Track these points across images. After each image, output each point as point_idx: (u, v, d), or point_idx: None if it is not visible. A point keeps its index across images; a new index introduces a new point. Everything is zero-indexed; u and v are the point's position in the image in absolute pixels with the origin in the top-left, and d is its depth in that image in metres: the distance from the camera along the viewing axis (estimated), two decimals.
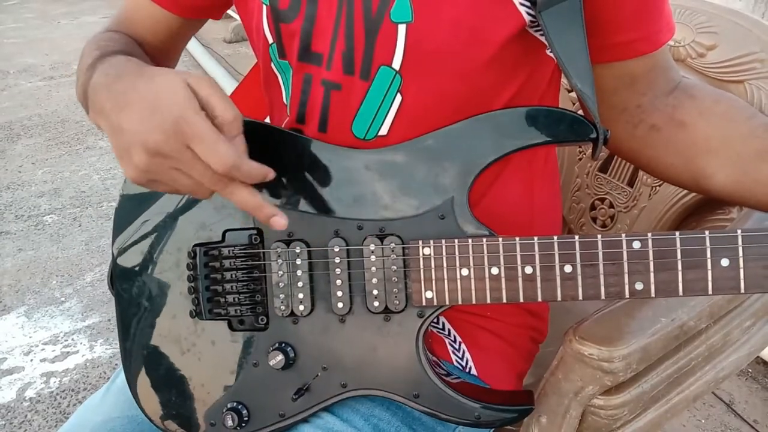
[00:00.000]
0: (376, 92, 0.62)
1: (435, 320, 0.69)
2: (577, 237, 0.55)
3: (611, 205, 0.96)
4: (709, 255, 0.52)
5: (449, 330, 0.70)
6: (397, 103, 0.62)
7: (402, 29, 0.59)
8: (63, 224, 2.43)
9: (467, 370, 0.70)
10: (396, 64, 0.60)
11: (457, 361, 0.69)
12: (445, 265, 0.58)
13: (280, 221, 0.56)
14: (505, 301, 0.57)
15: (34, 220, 2.47)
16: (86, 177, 2.80)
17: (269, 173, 0.55)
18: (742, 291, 0.52)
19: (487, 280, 0.57)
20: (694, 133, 0.62)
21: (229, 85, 3.30)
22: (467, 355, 0.70)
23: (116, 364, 1.74)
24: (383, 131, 0.64)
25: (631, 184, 0.93)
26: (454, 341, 0.70)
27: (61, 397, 1.64)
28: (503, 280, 0.56)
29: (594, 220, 0.98)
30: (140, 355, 0.68)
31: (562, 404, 0.66)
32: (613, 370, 0.61)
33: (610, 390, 0.64)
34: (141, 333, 0.68)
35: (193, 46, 4.34)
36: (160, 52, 0.78)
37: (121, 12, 0.79)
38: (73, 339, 1.85)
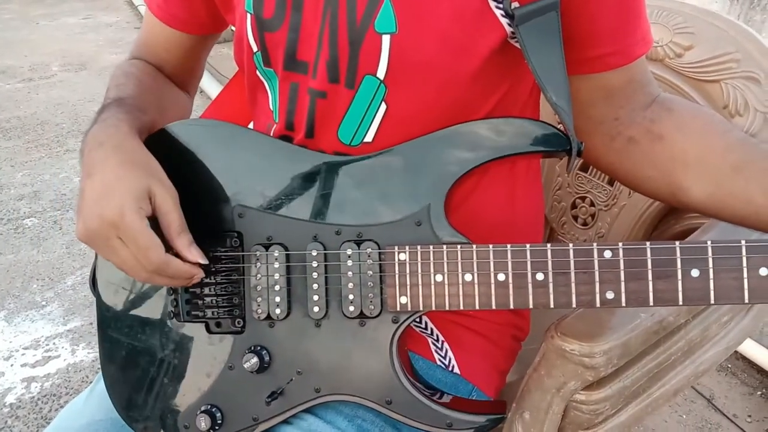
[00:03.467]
0: (361, 100, 0.63)
1: (418, 320, 0.69)
2: (549, 245, 0.56)
3: (592, 204, 0.97)
4: (679, 266, 0.53)
5: (432, 329, 0.70)
6: (382, 112, 0.63)
7: (386, 40, 0.60)
8: (43, 227, 2.39)
9: (450, 368, 0.70)
10: (381, 73, 0.61)
11: (440, 360, 0.70)
12: (419, 271, 0.58)
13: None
14: (477, 307, 0.57)
15: (13, 223, 2.44)
16: (67, 180, 2.76)
17: (197, 274, 0.61)
18: (712, 302, 0.53)
19: (461, 287, 0.58)
20: (671, 147, 0.63)
21: (213, 87, 3.28)
22: (450, 353, 0.70)
23: (99, 368, 1.72)
24: (368, 138, 0.64)
25: (611, 182, 0.94)
26: (437, 340, 0.70)
27: (42, 402, 1.62)
28: (476, 287, 0.57)
29: (575, 218, 0.99)
30: (119, 356, 0.68)
31: (544, 400, 0.66)
32: (595, 366, 0.62)
33: (591, 385, 0.65)
34: (120, 334, 0.68)
35: None
36: (181, 70, 0.82)
37: (140, 35, 0.83)
38: (54, 343, 1.82)
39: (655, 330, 0.65)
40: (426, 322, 0.70)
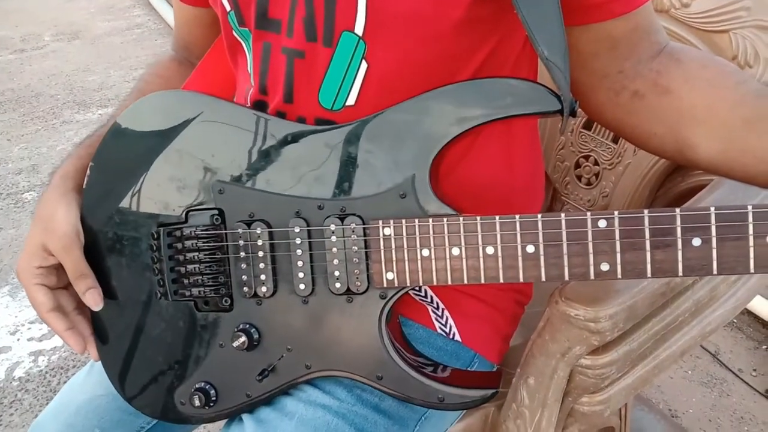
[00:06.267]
0: (340, 60, 0.60)
1: (417, 288, 0.68)
2: (539, 216, 0.53)
3: (596, 163, 0.94)
4: (679, 234, 0.49)
5: (431, 297, 0.69)
6: (362, 71, 0.60)
7: None
8: None
9: (451, 336, 0.69)
10: (359, 29, 0.58)
11: (440, 328, 0.69)
12: (405, 245, 0.56)
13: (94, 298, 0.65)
14: (466, 282, 0.55)
15: (13, 198, 2.43)
16: (64, 152, 2.73)
17: (75, 345, 0.67)
18: (715, 273, 0.49)
19: (448, 261, 0.55)
20: (678, 101, 0.59)
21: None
22: (450, 321, 0.69)
23: None
24: (351, 101, 0.61)
25: (616, 140, 0.92)
26: (437, 308, 0.69)
27: (50, 375, 1.64)
28: (464, 261, 0.55)
29: (579, 178, 0.97)
30: (112, 336, 0.67)
31: (549, 365, 0.66)
32: (600, 330, 0.60)
33: (597, 349, 0.64)
34: (112, 314, 0.67)
35: (167, 12, 4.22)
36: (204, 45, 0.82)
37: (173, 39, 0.88)
38: None
39: (662, 292, 0.64)
40: (425, 290, 0.69)
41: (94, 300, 0.65)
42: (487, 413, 0.75)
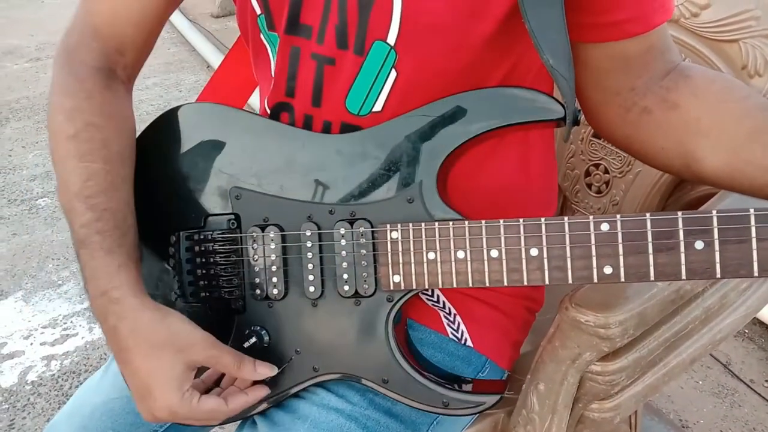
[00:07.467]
0: (370, 68, 0.61)
1: (429, 293, 0.68)
2: (543, 220, 0.54)
3: (606, 171, 0.95)
4: (682, 237, 0.50)
5: (444, 302, 0.70)
6: (391, 80, 0.61)
7: (398, 2, 0.57)
8: (57, 207, 2.41)
9: (462, 341, 0.69)
10: (391, 39, 0.59)
11: (452, 333, 0.69)
12: (412, 249, 0.57)
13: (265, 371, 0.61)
14: (470, 285, 0.56)
15: (27, 204, 2.45)
16: None
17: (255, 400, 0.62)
18: (718, 276, 0.50)
19: (453, 264, 0.56)
20: (686, 115, 0.60)
21: (218, 61, 3.26)
22: (462, 326, 0.69)
23: None
24: (377, 107, 0.62)
25: None
26: (449, 313, 0.69)
27: (62, 379, 1.65)
28: (469, 264, 0.56)
29: (589, 186, 0.98)
30: None
31: (559, 371, 0.66)
32: (610, 336, 0.61)
33: (607, 356, 0.64)
34: None
35: (179, 21, 4.27)
36: (143, 48, 0.71)
37: (90, 17, 0.70)
38: (72, 321, 1.85)
39: (672, 299, 0.64)
40: (438, 296, 0.69)
41: (269, 368, 0.61)
42: (497, 419, 0.75)
